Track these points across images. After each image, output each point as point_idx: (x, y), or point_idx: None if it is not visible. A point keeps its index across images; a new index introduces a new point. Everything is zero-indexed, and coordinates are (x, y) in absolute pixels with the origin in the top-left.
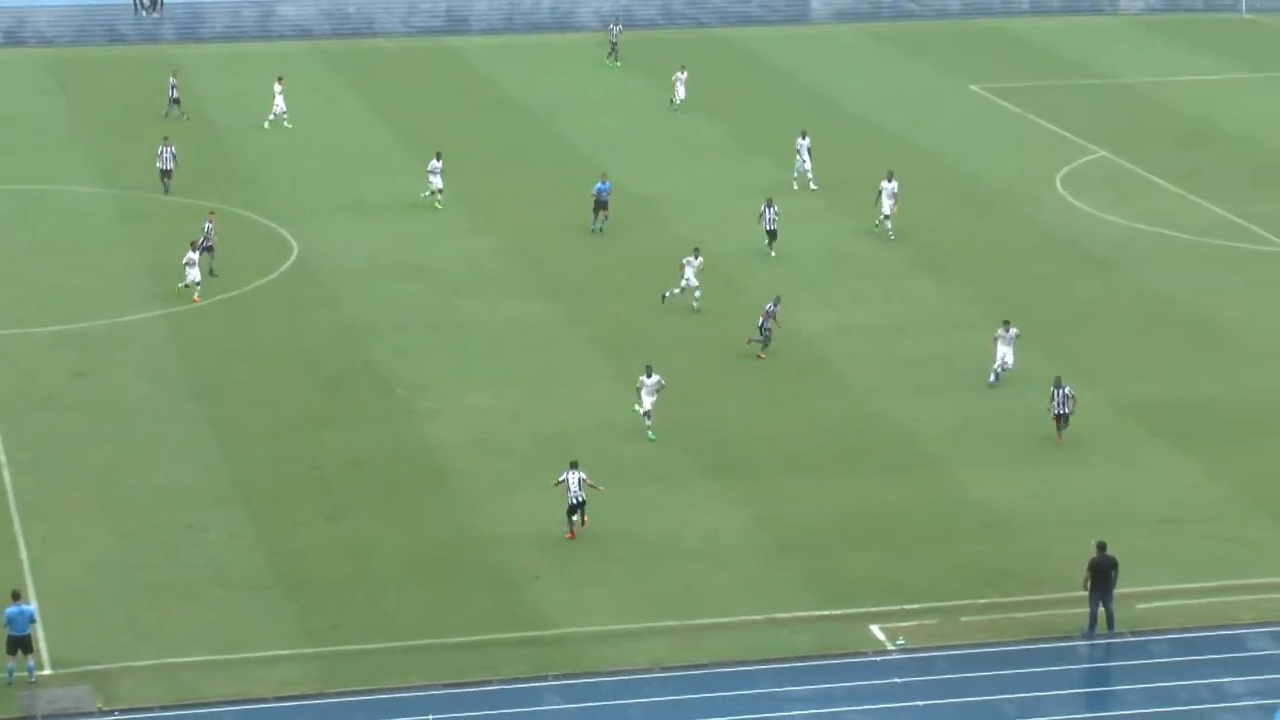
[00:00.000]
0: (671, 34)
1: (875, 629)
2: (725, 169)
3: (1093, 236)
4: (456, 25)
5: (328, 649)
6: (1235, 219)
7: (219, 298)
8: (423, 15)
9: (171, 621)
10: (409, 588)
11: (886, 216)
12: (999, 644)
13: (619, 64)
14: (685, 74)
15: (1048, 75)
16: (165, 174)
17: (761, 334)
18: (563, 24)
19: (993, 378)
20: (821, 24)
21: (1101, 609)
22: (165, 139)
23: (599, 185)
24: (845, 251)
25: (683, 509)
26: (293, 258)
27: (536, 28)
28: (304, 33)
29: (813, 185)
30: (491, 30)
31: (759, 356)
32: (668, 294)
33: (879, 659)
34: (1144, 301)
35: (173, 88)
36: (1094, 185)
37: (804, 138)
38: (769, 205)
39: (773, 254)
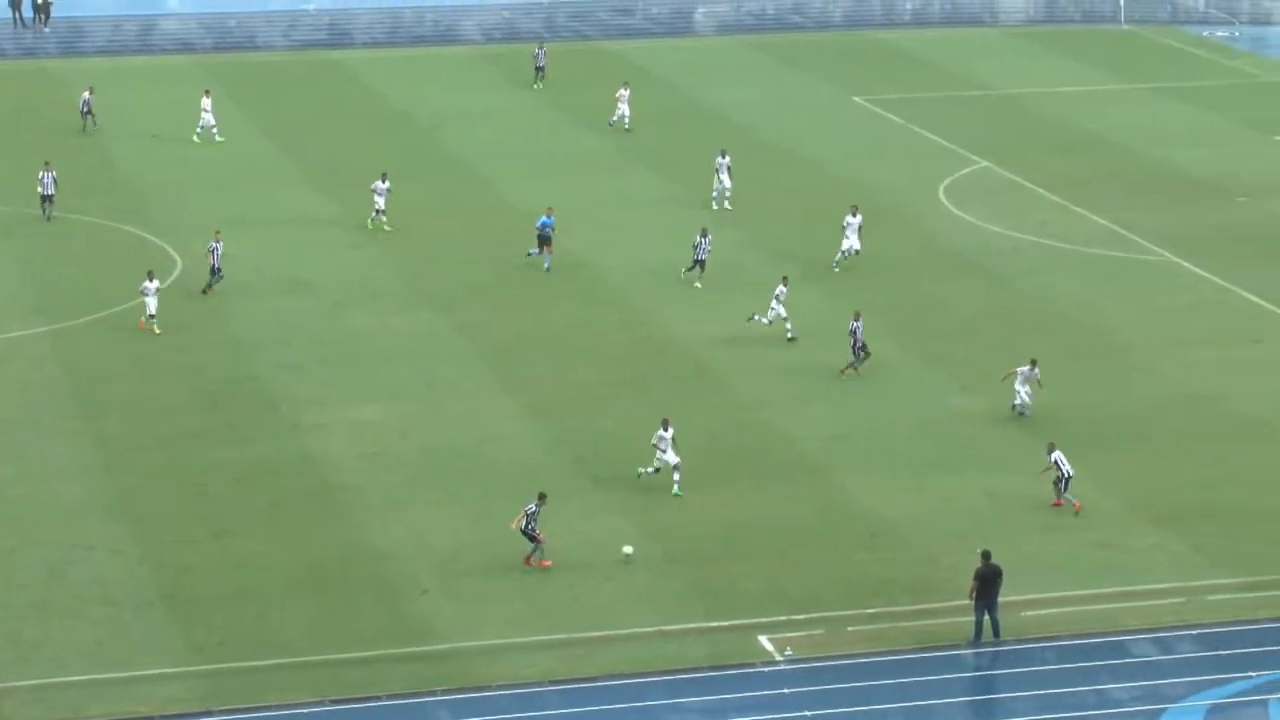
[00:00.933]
0: (556, 47)
1: (764, 640)
2: (610, 182)
3: (977, 247)
4: (339, 38)
5: (214, 666)
6: (1116, 228)
7: (103, 314)
8: (305, 29)
9: (54, 639)
10: (296, 603)
11: (845, 253)
12: (886, 653)
13: (541, 85)
14: (628, 91)
15: (930, 86)
16: (46, 199)
17: (855, 355)
18: (446, 37)
19: (1021, 410)
20: (705, 36)
21: (987, 618)
22: (46, 163)
23: (543, 219)
24: (731, 263)
25: (571, 521)
26: (177, 272)
27: (420, 40)
28: (185, 46)
29: (728, 204)
30: (375, 43)
31: (854, 373)
32: (756, 318)
33: (768, 670)
34: (1028, 311)
35: (85, 102)
36: (977, 196)
37: (724, 156)
38: (704, 235)
39: (698, 284)
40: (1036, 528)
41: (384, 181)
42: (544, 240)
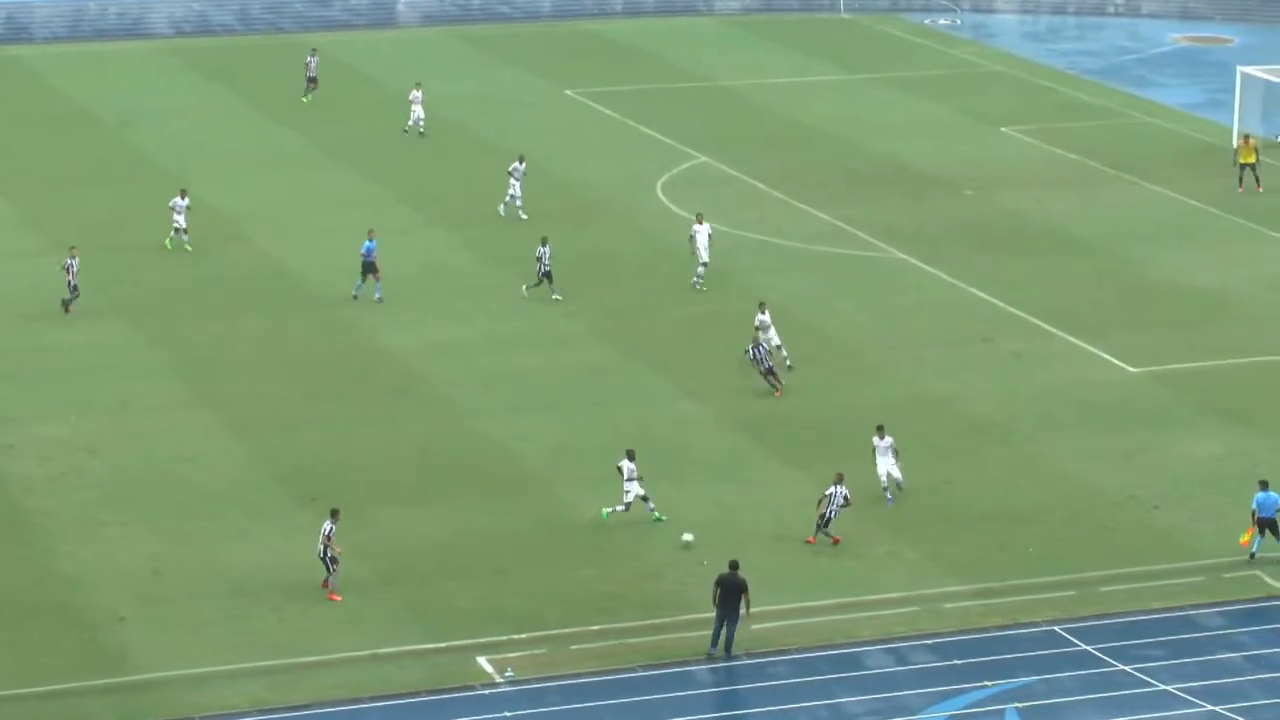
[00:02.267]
0: (249, 40)
1: (483, 661)
2: (310, 181)
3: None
4: (17, 33)
5: None
6: (840, 224)
7: None
8: None
9: None
10: None
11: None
12: (613, 672)
13: (310, 99)
14: (420, 92)
15: (645, 79)
16: None
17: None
18: (132, 31)
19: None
20: (409, 27)
21: (724, 629)
22: None
23: (366, 244)
24: (442, 266)
25: (275, 540)
26: None
27: (104, 34)
28: None
29: (522, 215)
30: (56, 38)
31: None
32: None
33: (488, 692)
34: (752, 312)
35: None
36: (696, 192)
37: (520, 162)
38: (544, 244)
39: (556, 296)
40: (766, 537)
41: (183, 198)
42: (369, 268)
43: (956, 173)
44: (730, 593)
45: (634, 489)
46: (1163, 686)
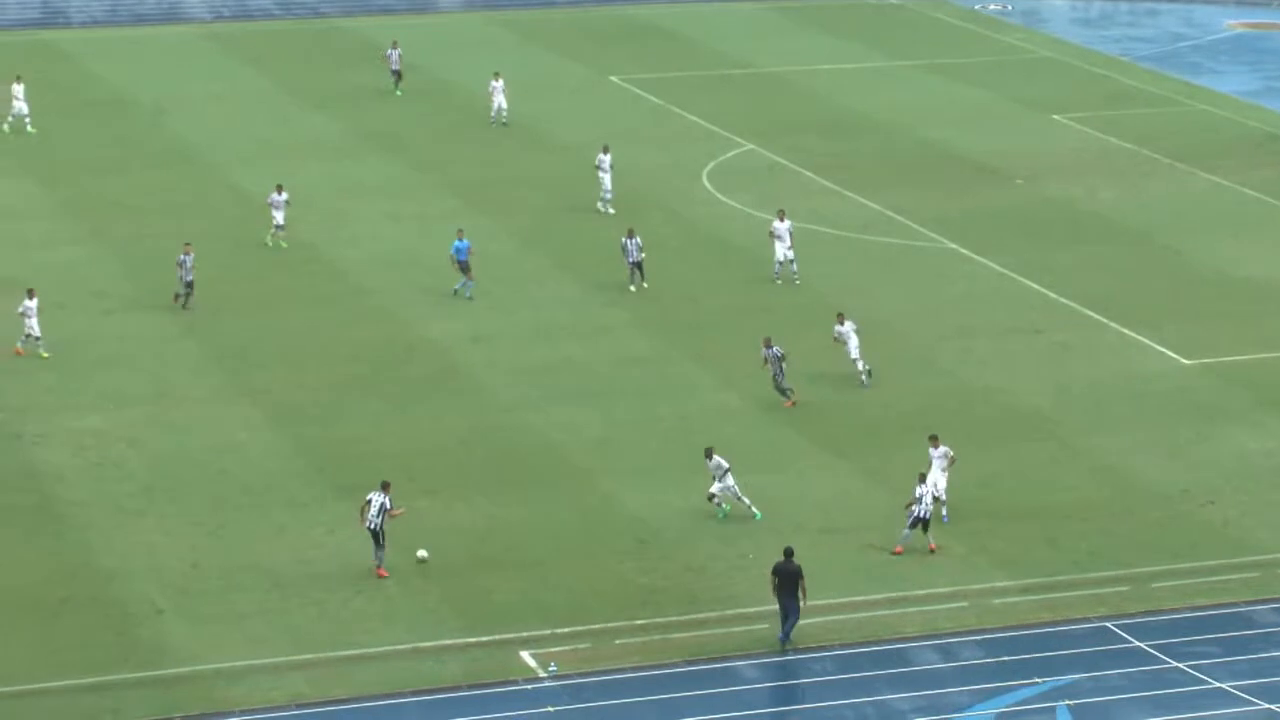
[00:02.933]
0: (289, 25)
1: (525, 655)
2: (349, 168)
3: (742, 234)
4: (54, 17)
5: None
6: (889, 213)
7: None
8: (15, 6)
9: None
10: (18, 628)
11: (783, 262)
12: (655, 667)
13: (401, 92)
14: (501, 81)
15: (690, 65)
16: None
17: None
18: (169, 15)
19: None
20: (450, 12)
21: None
22: None
23: (456, 244)
24: (482, 255)
25: (314, 532)
26: None
27: (141, 19)
28: None
29: (610, 209)
30: (93, 22)
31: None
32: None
33: (530, 687)
34: (798, 302)
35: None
36: (743, 180)
37: (605, 153)
38: (630, 236)
39: (633, 288)
40: (811, 530)
41: (280, 193)
42: (464, 267)
43: (1007, 161)
44: (788, 580)
45: (727, 483)
46: (1216, 684)
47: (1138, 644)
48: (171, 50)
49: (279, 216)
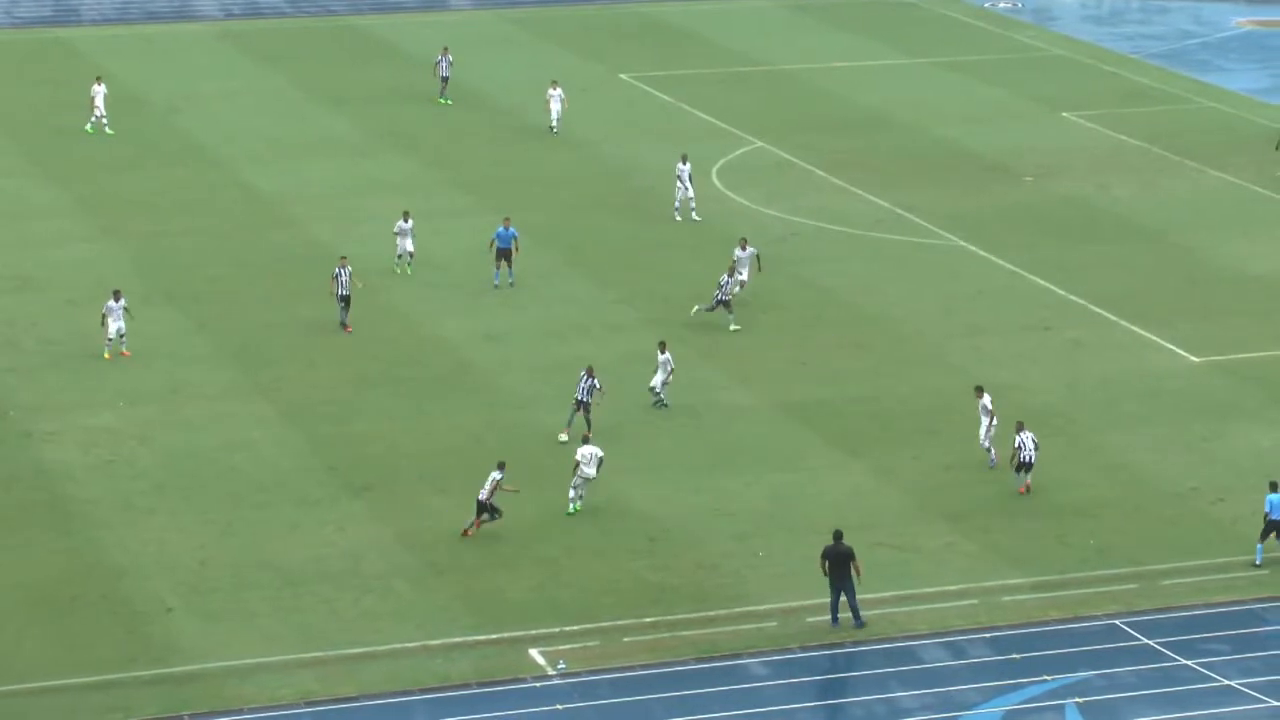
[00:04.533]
0: (300, 23)
1: (535, 653)
2: (360, 165)
3: (752, 232)
4: (65, 15)
5: None
6: (899, 211)
7: None
8: (28, 4)
9: None
10: (29, 625)
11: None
12: (665, 664)
13: (448, 100)
14: (559, 90)
15: (700, 63)
16: None
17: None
18: (181, 13)
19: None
20: (461, 10)
21: (844, 599)
22: None
23: (500, 230)
24: (487, 253)
25: (326, 530)
26: None
27: (153, 17)
28: None
29: (695, 215)
30: (104, 20)
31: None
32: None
33: (540, 685)
34: (808, 299)
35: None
36: (752, 177)
37: (684, 163)
38: (730, 275)
39: (735, 327)
40: (822, 528)
41: (406, 220)
42: (503, 254)
43: (1017, 159)
44: (840, 563)
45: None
46: (1226, 682)
47: (1147, 641)
48: (183, 48)
49: (407, 244)
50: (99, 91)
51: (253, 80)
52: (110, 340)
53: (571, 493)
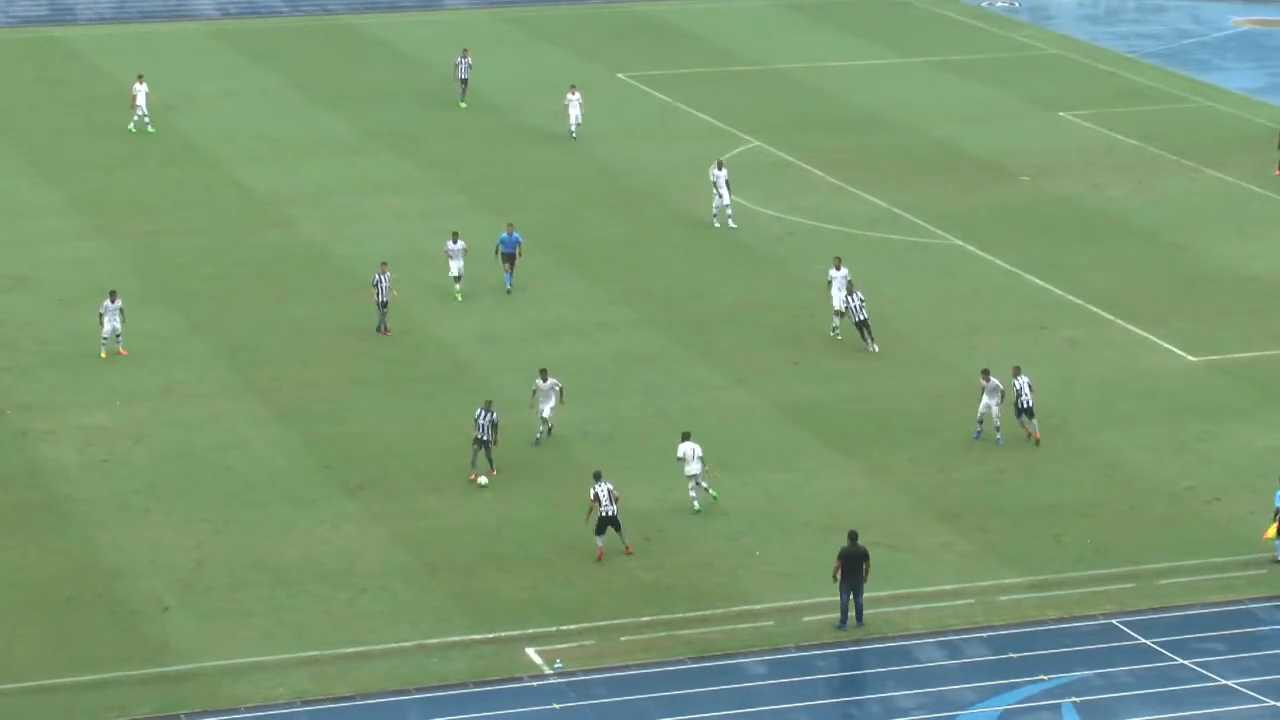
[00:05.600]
0: (296, 22)
1: (531, 652)
2: (355, 165)
3: (749, 231)
4: (61, 14)
5: None
6: (896, 210)
7: None
8: (23, 3)
9: None
10: (25, 624)
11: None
12: (661, 664)
13: (466, 104)
14: (578, 94)
15: (697, 62)
16: None
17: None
18: (177, 12)
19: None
20: (457, 10)
21: (852, 600)
22: None
23: (504, 236)
24: (488, 252)
25: (320, 530)
26: None
27: (149, 16)
28: None
29: (731, 223)
30: (100, 19)
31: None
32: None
33: (536, 684)
34: (804, 298)
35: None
36: (749, 177)
37: (719, 169)
38: (852, 292)
39: (874, 347)
40: (816, 528)
41: (456, 241)
42: (507, 258)
43: (1013, 158)
44: (853, 564)
45: (692, 468)
46: (1222, 681)
47: (1143, 641)
48: (179, 47)
49: (456, 266)
50: (140, 90)
51: (249, 80)
52: (105, 340)
53: (691, 493)
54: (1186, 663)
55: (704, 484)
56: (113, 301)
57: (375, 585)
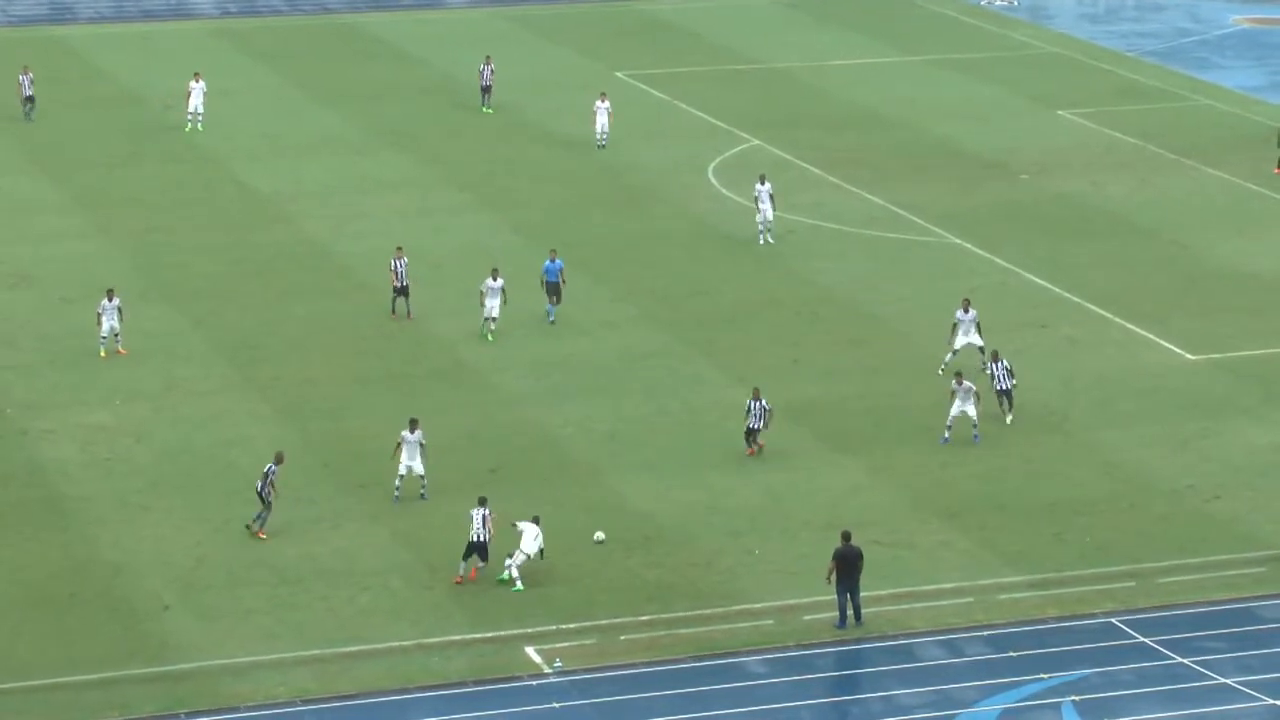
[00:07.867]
0: (296, 21)
1: (531, 651)
2: (356, 163)
3: (748, 229)
4: (62, 13)
5: None
6: (894, 208)
7: None
8: (24, 3)
9: None
10: (25, 623)
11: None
12: (661, 662)
13: (491, 109)
14: (607, 102)
15: (697, 61)
16: None
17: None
18: (177, 11)
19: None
20: (456, 8)
21: (850, 599)
22: None
23: (547, 264)
24: (489, 250)
25: (321, 528)
26: None
27: (149, 15)
28: None
29: (770, 239)
30: (100, 18)
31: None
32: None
33: (536, 683)
34: (804, 296)
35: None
36: (748, 175)
37: (763, 183)
38: (996, 360)
39: (1009, 418)
40: (817, 526)
41: (495, 279)
42: (553, 289)
43: (1012, 156)
44: (849, 564)
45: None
46: (1224, 680)
47: (1144, 639)
48: (179, 46)
49: (492, 306)
50: (196, 88)
51: (249, 78)
52: (104, 339)
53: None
54: (1187, 661)
55: (515, 569)
56: (110, 300)
57: (376, 583)
